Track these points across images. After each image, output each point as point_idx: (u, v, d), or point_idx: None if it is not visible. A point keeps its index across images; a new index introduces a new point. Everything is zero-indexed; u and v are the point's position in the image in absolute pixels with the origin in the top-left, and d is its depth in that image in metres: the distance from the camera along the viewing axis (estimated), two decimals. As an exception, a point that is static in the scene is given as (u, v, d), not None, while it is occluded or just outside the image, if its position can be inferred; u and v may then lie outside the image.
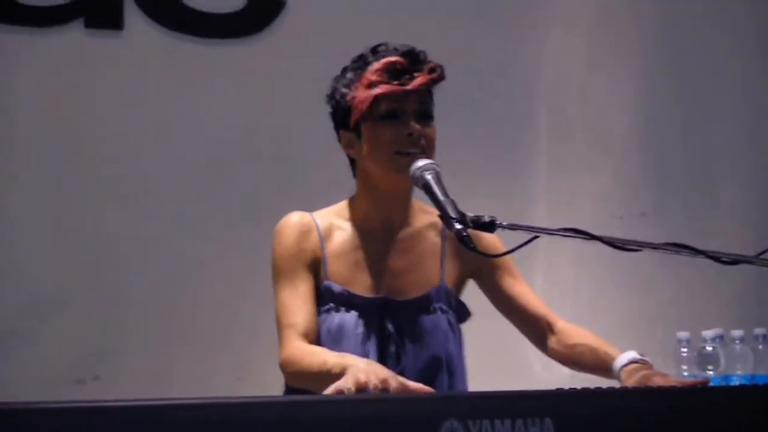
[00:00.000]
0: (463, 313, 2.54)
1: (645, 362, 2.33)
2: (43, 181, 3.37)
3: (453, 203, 2.16)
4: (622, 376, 2.32)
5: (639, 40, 3.98)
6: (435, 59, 2.46)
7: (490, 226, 2.12)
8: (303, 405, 1.73)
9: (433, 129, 2.43)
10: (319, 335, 2.41)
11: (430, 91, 2.45)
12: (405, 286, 2.47)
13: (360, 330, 2.41)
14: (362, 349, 2.38)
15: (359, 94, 2.42)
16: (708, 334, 3.02)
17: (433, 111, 2.45)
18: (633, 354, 2.36)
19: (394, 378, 2.05)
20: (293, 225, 2.47)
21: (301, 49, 3.57)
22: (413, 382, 2.09)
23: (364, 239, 2.49)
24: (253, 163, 3.53)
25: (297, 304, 2.40)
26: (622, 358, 2.36)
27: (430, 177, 2.24)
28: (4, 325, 3.28)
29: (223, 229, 3.46)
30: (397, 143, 2.39)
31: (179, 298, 3.41)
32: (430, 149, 2.41)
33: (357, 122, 2.44)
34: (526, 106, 3.85)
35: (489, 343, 2.97)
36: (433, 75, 2.43)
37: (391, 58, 2.42)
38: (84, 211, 3.37)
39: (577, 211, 3.77)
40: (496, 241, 2.50)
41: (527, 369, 3.48)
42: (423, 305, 2.46)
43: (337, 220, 2.51)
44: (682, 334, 3.09)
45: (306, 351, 2.32)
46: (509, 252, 2.21)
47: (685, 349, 3.06)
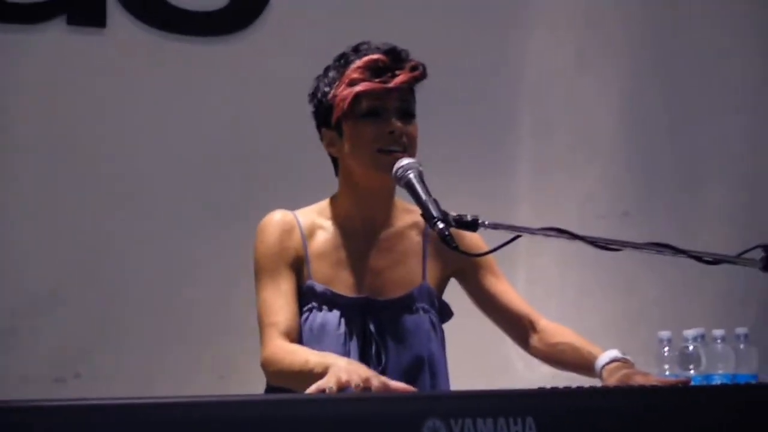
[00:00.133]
0: (445, 313, 2.54)
1: (626, 361, 2.34)
2: (27, 179, 3.34)
3: (435, 202, 2.16)
4: (604, 375, 2.33)
5: (626, 41, 3.99)
6: (420, 59, 2.46)
7: (473, 226, 2.13)
8: (285, 404, 1.73)
9: (414, 127, 2.43)
10: (301, 334, 2.41)
11: (412, 90, 2.45)
12: (387, 286, 2.47)
13: (342, 329, 2.41)
14: (344, 348, 2.38)
15: (341, 92, 2.41)
16: (689, 333, 3.03)
17: (414, 109, 2.44)
18: (615, 353, 2.36)
19: (376, 377, 2.05)
20: (275, 223, 2.47)
21: (285, 47, 3.56)
22: (395, 381, 2.09)
23: (347, 238, 2.48)
24: (239, 161, 3.52)
25: (279, 303, 2.39)
26: (604, 356, 2.36)
27: (412, 176, 2.24)
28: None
29: (211, 228, 3.45)
30: (379, 141, 2.38)
31: (162, 298, 3.40)
32: (412, 147, 2.40)
33: (338, 120, 2.43)
34: (510, 105, 3.86)
35: (471, 342, 2.97)
36: (415, 73, 2.42)
37: (373, 56, 2.41)
38: (72, 209, 3.35)
39: (560, 211, 3.77)
40: (479, 241, 2.49)
41: (509, 368, 3.48)
42: (405, 305, 2.46)
43: (320, 218, 2.50)
44: (664, 334, 3.10)
45: (287, 350, 2.31)
46: (492, 251, 2.21)
47: (667, 349, 3.07)
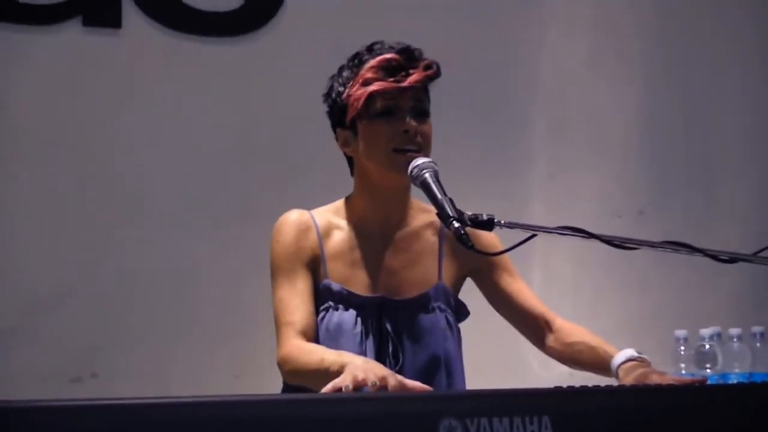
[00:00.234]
0: (461, 312, 2.54)
1: (643, 360, 2.33)
2: (41, 179, 3.36)
3: (451, 201, 2.15)
4: (620, 374, 2.33)
5: (639, 41, 3.99)
6: (434, 59, 2.46)
7: (488, 225, 2.12)
8: (301, 403, 1.72)
9: (429, 126, 2.43)
10: (318, 333, 2.41)
11: (426, 89, 2.45)
12: (403, 285, 2.47)
13: (359, 329, 2.41)
14: (361, 348, 2.38)
15: (355, 91, 2.42)
16: (706, 332, 3.03)
17: (429, 108, 2.44)
18: (631, 352, 2.36)
19: (393, 376, 2.05)
20: (292, 223, 2.47)
21: (299, 47, 3.57)
22: (411, 381, 2.09)
23: (363, 238, 2.48)
24: (251, 162, 3.52)
25: (295, 302, 2.40)
26: (620, 355, 2.36)
27: (428, 175, 2.24)
28: (3, 322, 3.27)
29: (222, 226, 3.46)
30: (394, 140, 2.38)
31: (177, 296, 3.41)
32: (427, 146, 2.41)
33: (353, 120, 2.43)
34: (525, 105, 3.85)
35: (487, 342, 2.97)
36: (429, 72, 2.42)
37: (387, 56, 2.42)
38: (81, 209, 3.37)
39: (575, 210, 3.77)
40: (495, 240, 2.49)
41: (525, 367, 3.48)
42: (421, 304, 2.46)
43: (335, 218, 2.51)
44: (680, 333, 3.10)
45: (304, 349, 2.31)
46: (507, 250, 2.20)
47: (683, 347, 3.07)
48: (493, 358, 3.25)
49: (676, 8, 4.02)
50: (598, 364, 2.42)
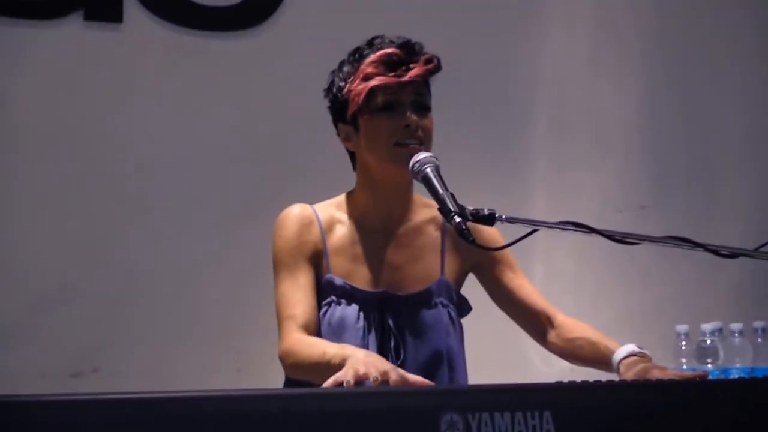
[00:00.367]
0: (463, 308, 2.54)
1: (644, 355, 2.33)
2: (42, 175, 3.36)
3: (452, 196, 2.15)
4: (621, 369, 2.32)
5: (639, 40, 3.99)
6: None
7: (490, 219, 2.12)
8: (302, 397, 1.72)
9: (430, 120, 2.43)
10: (320, 328, 2.41)
11: (427, 83, 2.45)
12: (406, 281, 2.47)
13: (361, 324, 2.41)
14: (363, 342, 2.38)
15: (355, 86, 2.41)
16: (707, 327, 3.03)
17: (430, 102, 2.44)
18: (632, 347, 2.35)
19: (394, 370, 2.04)
20: (294, 217, 2.47)
21: (301, 42, 3.57)
22: (413, 375, 2.08)
23: (365, 233, 2.48)
24: (253, 157, 3.52)
25: (297, 296, 2.40)
26: (621, 351, 2.36)
27: (429, 170, 2.23)
28: (5, 317, 3.28)
29: (223, 222, 3.46)
30: (395, 135, 2.38)
31: (179, 291, 3.41)
32: (428, 140, 2.40)
33: (354, 115, 2.43)
34: (526, 103, 3.86)
35: (488, 337, 2.97)
36: (429, 66, 2.42)
37: (387, 50, 2.41)
38: (82, 204, 3.37)
39: (576, 205, 3.77)
40: (497, 235, 2.50)
41: (526, 362, 3.48)
42: (424, 299, 2.46)
43: (338, 213, 2.51)
44: (681, 328, 3.10)
45: (306, 343, 2.31)
46: (509, 245, 2.21)
47: (685, 343, 3.07)
48: (494, 353, 3.26)
49: (676, 8, 4.03)
50: (599, 359, 2.42)
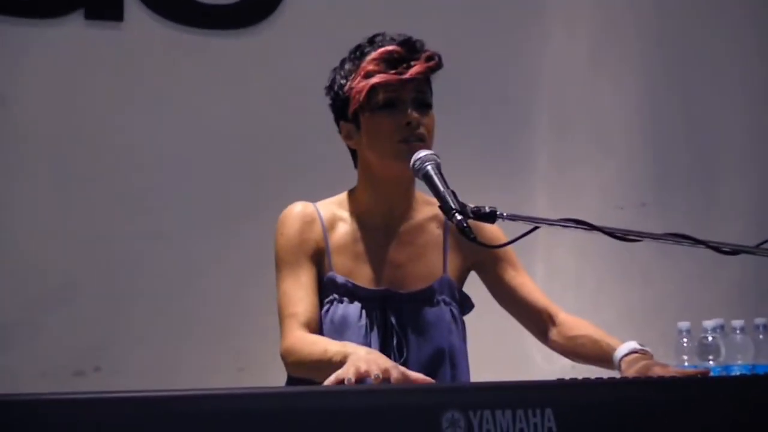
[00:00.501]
0: (466, 305, 2.54)
1: (645, 352, 2.33)
2: (43, 174, 3.36)
3: (453, 194, 2.14)
4: (623, 367, 2.32)
5: (640, 39, 3.99)
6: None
7: (491, 217, 2.11)
8: (303, 395, 1.73)
9: (431, 118, 2.42)
10: (322, 326, 2.41)
11: (428, 80, 2.44)
12: (408, 279, 2.47)
13: (363, 322, 2.41)
14: (365, 340, 2.38)
15: (357, 84, 2.41)
16: (708, 324, 3.02)
17: (431, 100, 2.44)
18: (633, 344, 2.35)
19: (396, 368, 2.05)
20: (296, 215, 2.47)
21: (302, 40, 3.57)
22: (414, 373, 2.09)
23: (367, 231, 2.48)
24: (254, 155, 3.52)
25: (299, 294, 2.39)
26: (623, 348, 2.35)
27: (430, 167, 2.23)
28: (6, 316, 3.28)
29: (225, 221, 3.46)
30: (396, 132, 2.38)
31: (181, 291, 3.41)
32: (429, 138, 2.40)
33: (355, 113, 2.43)
34: (528, 102, 3.86)
35: (490, 335, 2.97)
36: (431, 63, 2.41)
37: (388, 48, 2.41)
38: (85, 204, 3.37)
39: (578, 203, 3.77)
40: (498, 233, 2.50)
41: (528, 360, 3.48)
42: (426, 297, 2.46)
43: (340, 210, 2.50)
44: (683, 325, 3.09)
45: (307, 340, 2.31)
46: (510, 243, 2.20)
47: (686, 340, 3.06)
48: (496, 351, 3.26)
49: (676, 8, 4.03)
50: (601, 356, 2.42)
